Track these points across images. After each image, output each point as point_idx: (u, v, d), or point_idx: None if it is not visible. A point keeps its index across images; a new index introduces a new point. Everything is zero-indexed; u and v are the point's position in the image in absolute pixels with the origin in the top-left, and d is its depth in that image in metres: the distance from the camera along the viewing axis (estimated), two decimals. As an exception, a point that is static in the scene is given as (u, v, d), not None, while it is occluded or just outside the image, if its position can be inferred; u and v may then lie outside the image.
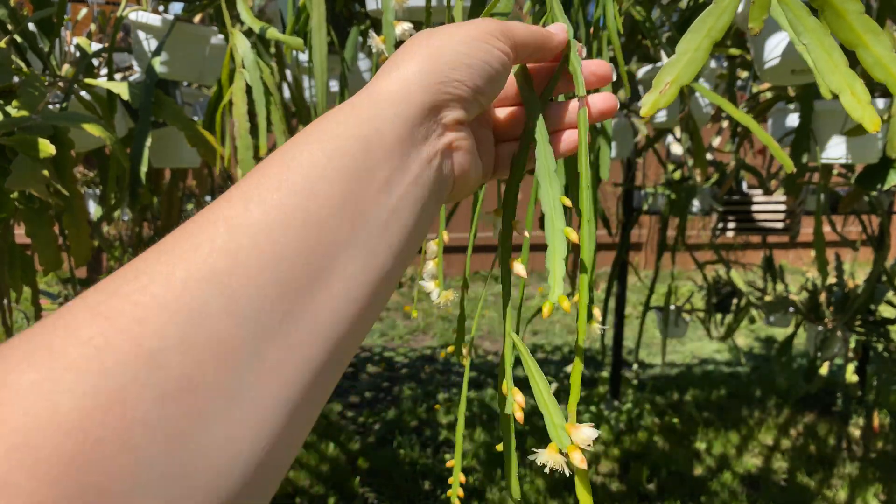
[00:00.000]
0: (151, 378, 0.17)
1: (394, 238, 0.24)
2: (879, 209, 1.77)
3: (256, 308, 0.20)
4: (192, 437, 0.17)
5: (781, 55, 0.91)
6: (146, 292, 0.19)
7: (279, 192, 0.22)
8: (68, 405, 0.16)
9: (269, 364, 0.19)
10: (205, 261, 0.20)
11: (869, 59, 0.35)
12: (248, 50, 0.76)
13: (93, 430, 0.16)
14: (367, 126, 0.24)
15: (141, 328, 0.18)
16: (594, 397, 2.47)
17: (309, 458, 2.04)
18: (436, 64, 0.27)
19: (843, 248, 3.61)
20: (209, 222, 0.21)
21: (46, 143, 0.72)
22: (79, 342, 0.17)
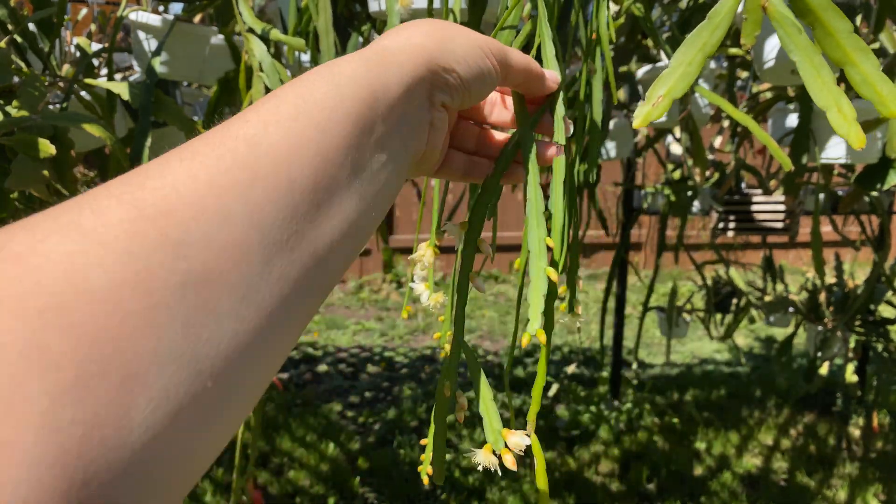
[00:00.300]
0: (175, 266, 0.18)
1: (379, 189, 0.26)
2: (879, 209, 1.77)
3: (270, 222, 0.21)
4: (206, 327, 0.19)
5: (781, 56, 0.91)
6: (173, 189, 0.20)
7: (296, 122, 0.23)
8: (100, 277, 0.17)
9: (276, 274, 0.21)
10: (228, 169, 0.21)
11: (857, 77, 0.37)
12: (265, 53, 0.76)
13: (122, 303, 0.17)
14: (376, 79, 0.26)
15: (167, 220, 0.19)
16: (594, 397, 2.47)
17: (309, 458, 2.04)
18: (441, 49, 0.29)
19: (842, 248, 3.62)
20: (230, 137, 0.22)
21: (46, 143, 0.72)
22: (108, 223, 0.18)
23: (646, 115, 0.39)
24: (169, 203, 0.19)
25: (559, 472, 2.02)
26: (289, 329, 0.22)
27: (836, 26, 0.36)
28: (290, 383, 2.74)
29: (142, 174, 0.20)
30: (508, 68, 0.33)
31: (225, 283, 0.20)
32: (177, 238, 0.19)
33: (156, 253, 0.18)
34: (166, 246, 0.18)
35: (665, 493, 1.90)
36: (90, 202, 0.19)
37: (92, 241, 0.18)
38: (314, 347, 3.25)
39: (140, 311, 0.17)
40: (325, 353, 3.18)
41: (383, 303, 4.15)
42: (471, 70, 0.30)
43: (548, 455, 2.11)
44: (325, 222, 0.23)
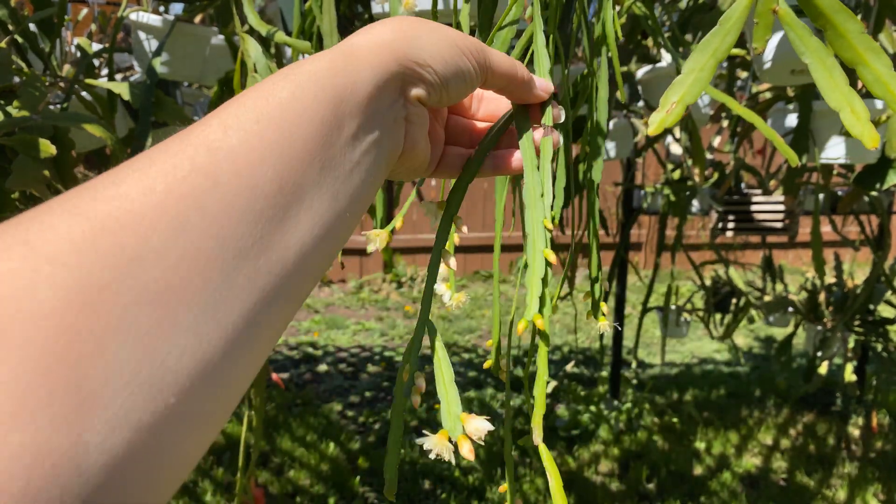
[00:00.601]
0: (129, 281, 0.17)
1: (353, 188, 0.26)
2: (879, 209, 1.77)
3: (232, 229, 0.20)
4: (163, 345, 0.18)
5: (781, 56, 0.91)
6: (128, 199, 0.19)
7: (259, 125, 0.22)
8: (46, 295, 0.16)
9: (239, 284, 0.20)
10: (185, 177, 0.20)
11: (869, 77, 0.37)
12: (261, 54, 0.76)
13: (69, 325, 0.16)
14: (343, 78, 0.25)
15: (122, 232, 0.18)
16: (594, 397, 2.47)
17: (309, 457, 2.04)
18: (412, 44, 0.28)
19: (842, 248, 3.62)
20: (188, 144, 0.21)
21: (47, 143, 0.72)
22: (58, 238, 0.17)
23: (660, 122, 0.40)
24: (123, 214, 0.18)
25: (559, 471, 2.02)
26: (259, 339, 0.21)
27: (848, 27, 0.37)
28: (291, 383, 2.74)
29: (96, 185, 0.19)
30: (489, 70, 0.32)
31: (183, 296, 0.19)
32: (131, 251, 0.18)
33: (109, 267, 0.17)
34: (121, 260, 0.18)
35: (665, 493, 1.90)
36: (39, 216, 0.18)
37: (38, 257, 0.16)
38: (314, 347, 3.25)
39: (90, 330, 0.16)
40: (325, 352, 3.19)
41: (383, 303, 4.15)
42: (447, 66, 0.29)
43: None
44: (294, 226, 0.23)
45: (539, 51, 0.39)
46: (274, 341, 0.23)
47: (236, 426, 2.17)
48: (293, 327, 3.55)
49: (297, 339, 3.35)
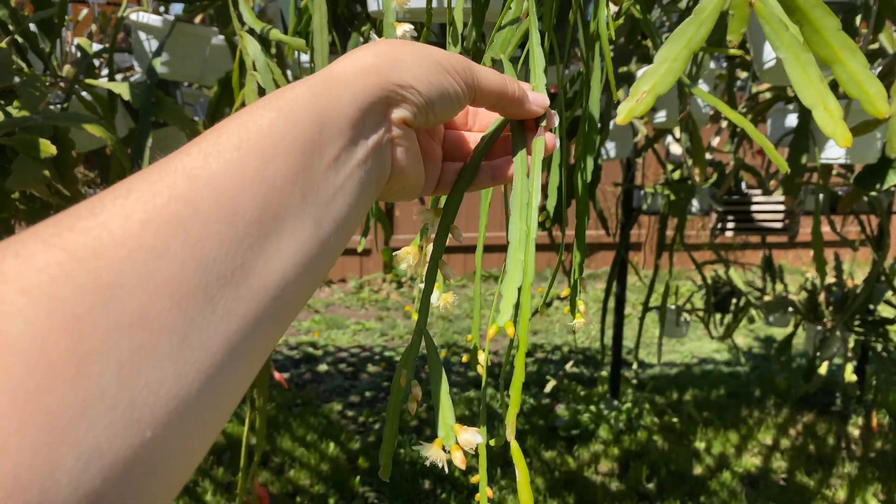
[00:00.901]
0: (107, 310, 0.17)
1: (337, 213, 0.26)
2: (878, 209, 1.77)
3: (213, 256, 0.20)
4: (142, 372, 0.18)
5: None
6: (105, 228, 0.19)
7: (239, 152, 0.22)
8: (20, 328, 0.16)
9: (220, 311, 0.20)
10: (165, 204, 0.20)
11: (844, 76, 0.36)
12: (259, 52, 0.76)
13: (46, 354, 0.16)
14: (324, 104, 0.26)
15: (98, 261, 0.18)
16: (594, 397, 2.47)
17: (309, 457, 2.04)
18: (394, 67, 0.28)
19: (842, 248, 3.62)
20: (168, 172, 0.21)
21: (47, 143, 0.72)
22: (33, 269, 0.17)
23: (629, 111, 0.39)
24: (101, 243, 0.18)
25: (559, 471, 2.02)
26: (240, 366, 0.21)
27: (824, 24, 0.36)
28: (291, 383, 2.74)
29: (73, 215, 0.19)
30: (477, 88, 0.32)
31: (164, 323, 0.18)
32: (109, 279, 0.18)
33: (86, 296, 0.17)
34: (98, 288, 0.17)
35: (665, 493, 1.90)
36: (15, 247, 0.17)
37: (13, 288, 0.16)
38: (314, 347, 3.25)
39: (68, 360, 0.16)
40: (325, 352, 3.19)
41: (383, 303, 4.15)
42: (432, 87, 0.29)
43: (547, 455, 2.11)
44: (275, 253, 0.22)
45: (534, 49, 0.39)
46: (257, 367, 0.23)
47: (237, 426, 2.17)
48: (293, 327, 3.55)
49: (297, 339, 3.35)
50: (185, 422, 0.19)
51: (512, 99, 0.34)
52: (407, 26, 0.55)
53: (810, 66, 0.36)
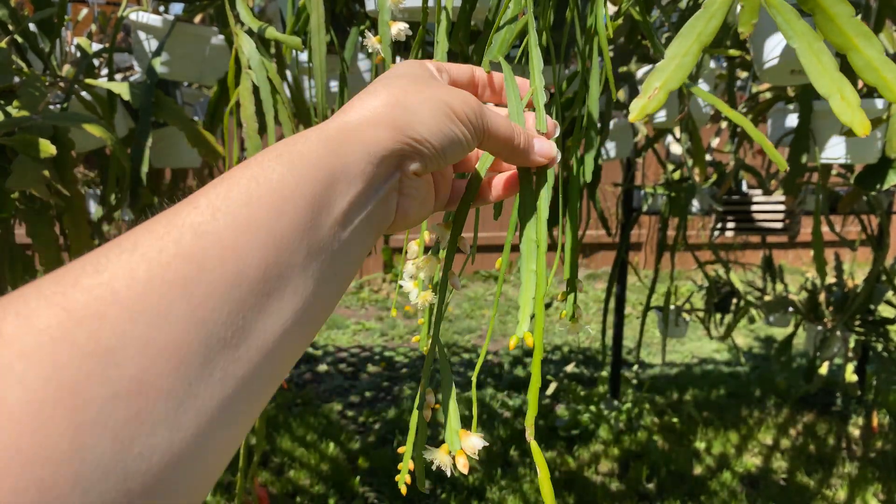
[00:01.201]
0: (106, 375, 0.17)
1: (340, 267, 0.25)
2: (878, 209, 1.77)
3: (214, 318, 0.20)
4: (138, 439, 0.17)
5: (781, 55, 0.91)
6: (109, 288, 0.18)
7: (248, 208, 0.22)
8: (17, 396, 0.16)
9: (217, 375, 0.20)
10: (170, 263, 0.20)
11: (860, 63, 0.35)
12: (254, 50, 0.76)
13: (41, 425, 0.16)
14: (336, 158, 0.25)
15: (100, 324, 0.17)
16: (594, 397, 2.47)
17: (309, 457, 2.04)
18: (409, 120, 0.28)
19: (842, 248, 3.62)
20: (176, 226, 0.21)
21: (47, 143, 0.72)
22: (33, 330, 0.17)
23: (642, 108, 0.39)
24: (103, 304, 0.18)
25: (559, 471, 2.02)
26: (234, 426, 0.21)
27: (838, 11, 0.35)
28: (291, 383, 2.74)
29: (77, 270, 0.19)
30: (486, 134, 0.31)
31: (162, 388, 0.18)
32: (109, 343, 0.17)
33: (85, 362, 0.17)
34: (97, 353, 0.17)
35: (665, 493, 1.90)
36: (16, 305, 0.17)
37: (13, 352, 0.16)
38: (314, 347, 3.25)
39: (64, 428, 0.16)
40: (325, 352, 3.19)
41: (383, 303, 4.15)
42: (444, 138, 0.29)
43: (547, 455, 2.11)
44: (276, 312, 0.22)
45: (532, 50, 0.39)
46: (251, 423, 0.22)
47: (236, 426, 2.17)
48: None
49: (298, 339, 3.35)
50: (177, 485, 0.19)
51: (518, 150, 0.33)
52: (402, 25, 0.55)
53: (824, 55, 0.35)
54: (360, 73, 1.17)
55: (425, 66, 0.32)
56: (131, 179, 0.97)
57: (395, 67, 0.32)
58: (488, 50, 0.45)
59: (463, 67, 0.36)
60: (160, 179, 1.61)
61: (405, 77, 0.30)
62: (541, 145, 0.34)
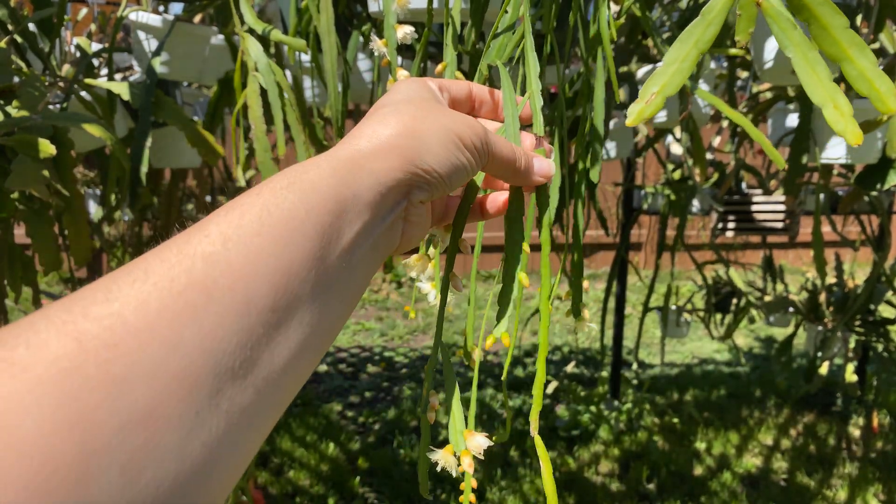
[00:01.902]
0: (116, 406, 0.17)
1: (346, 294, 0.26)
2: (879, 209, 1.77)
3: (223, 348, 0.20)
4: (145, 470, 0.17)
5: (781, 56, 0.91)
6: (119, 318, 0.18)
7: (259, 238, 0.22)
8: (31, 426, 0.16)
9: (224, 405, 0.20)
10: (181, 292, 0.20)
11: (853, 73, 0.36)
12: (261, 53, 0.76)
13: (53, 454, 0.16)
14: (346, 188, 0.25)
15: (110, 354, 0.18)
16: (594, 397, 2.47)
17: (309, 458, 2.04)
18: (418, 149, 0.28)
19: (842, 248, 3.62)
20: (187, 255, 0.21)
21: (46, 143, 0.72)
22: (45, 360, 0.17)
23: (639, 113, 0.39)
24: (114, 334, 0.18)
25: (559, 472, 2.02)
26: (237, 456, 0.21)
27: (832, 22, 0.35)
28: (290, 383, 2.74)
29: (87, 298, 0.19)
30: (490, 157, 0.32)
31: (170, 418, 0.18)
32: (120, 373, 0.17)
33: (95, 392, 0.17)
34: (107, 383, 0.17)
35: (665, 493, 1.90)
36: (27, 334, 0.17)
37: (24, 382, 0.16)
38: (314, 347, 3.25)
39: (73, 460, 0.16)
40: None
41: (383, 303, 4.15)
42: (451, 167, 0.29)
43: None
44: (283, 342, 0.22)
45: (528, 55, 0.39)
46: (256, 448, 0.23)
47: (236, 426, 2.16)
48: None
49: (298, 339, 3.35)
50: None
51: (518, 171, 0.34)
52: (408, 28, 0.55)
53: (818, 65, 0.36)
54: (360, 73, 1.17)
55: (429, 88, 0.33)
56: (131, 179, 0.97)
57: (400, 88, 0.32)
58: (486, 54, 0.45)
59: (461, 84, 0.36)
60: (160, 179, 1.61)
61: (413, 103, 0.30)
62: (540, 165, 0.35)
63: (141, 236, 1.66)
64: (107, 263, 1.99)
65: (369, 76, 1.17)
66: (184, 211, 1.97)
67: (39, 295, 1.15)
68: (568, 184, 0.51)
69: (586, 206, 1.78)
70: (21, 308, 1.60)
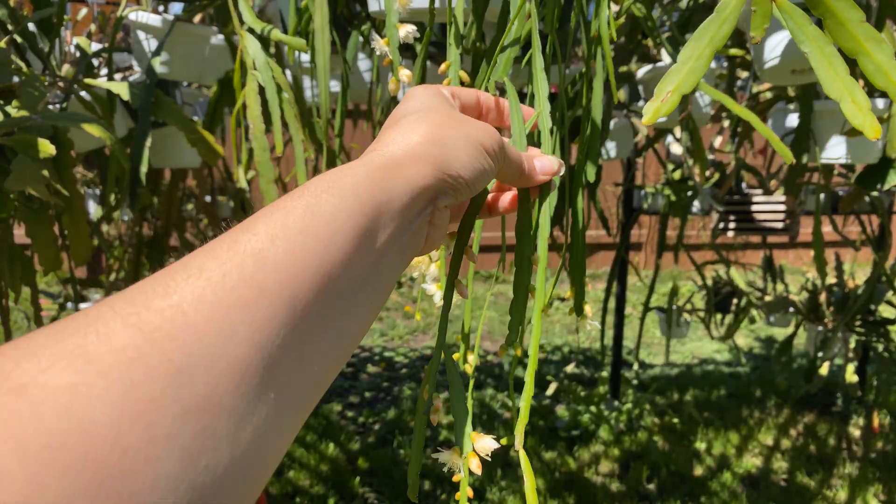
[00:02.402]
0: (178, 393, 0.18)
1: (376, 293, 0.27)
2: (880, 209, 1.77)
3: (272, 340, 0.21)
4: (204, 454, 0.19)
5: (781, 55, 0.91)
6: (178, 310, 0.20)
7: (303, 236, 0.24)
8: (101, 411, 0.17)
9: (272, 394, 0.21)
10: (234, 287, 0.21)
11: (870, 67, 0.36)
12: (259, 52, 0.76)
13: (122, 438, 0.17)
14: (381, 193, 0.27)
15: (172, 344, 0.19)
16: (594, 397, 2.47)
17: (309, 458, 2.04)
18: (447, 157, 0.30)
19: (843, 248, 3.62)
20: (237, 253, 0.22)
21: (46, 143, 0.72)
22: (112, 350, 0.18)
23: (655, 111, 0.39)
24: (174, 326, 0.19)
25: (559, 472, 2.02)
26: (280, 444, 0.23)
27: (848, 16, 0.35)
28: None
29: (148, 291, 0.20)
30: (504, 165, 0.34)
31: (225, 405, 0.20)
32: (180, 363, 0.19)
33: (158, 380, 0.18)
34: (170, 372, 0.18)
35: (665, 493, 1.90)
36: (96, 324, 0.19)
37: (95, 370, 0.17)
38: (314, 347, 3.25)
39: (139, 444, 0.17)
40: (325, 353, 3.19)
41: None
42: (475, 172, 0.31)
43: (548, 455, 2.11)
44: (323, 336, 0.24)
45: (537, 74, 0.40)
46: (294, 435, 0.24)
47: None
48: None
49: (298, 340, 3.35)
50: (234, 495, 0.20)
51: (524, 174, 0.36)
52: (409, 27, 0.54)
53: (835, 59, 0.36)
54: (360, 73, 1.17)
55: (444, 96, 0.35)
56: (130, 179, 0.97)
57: (418, 96, 0.33)
58: (493, 70, 0.45)
59: (470, 92, 0.38)
60: (160, 179, 1.61)
61: (436, 110, 0.32)
62: (542, 164, 0.37)
63: (141, 236, 1.66)
64: (106, 263, 1.99)
65: (369, 76, 1.17)
66: (184, 211, 1.97)
67: (39, 295, 1.15)
68: (568, 183, 0.51)
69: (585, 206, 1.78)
70: (21, 308, 1.60)
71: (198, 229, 2.21)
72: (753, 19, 0.38)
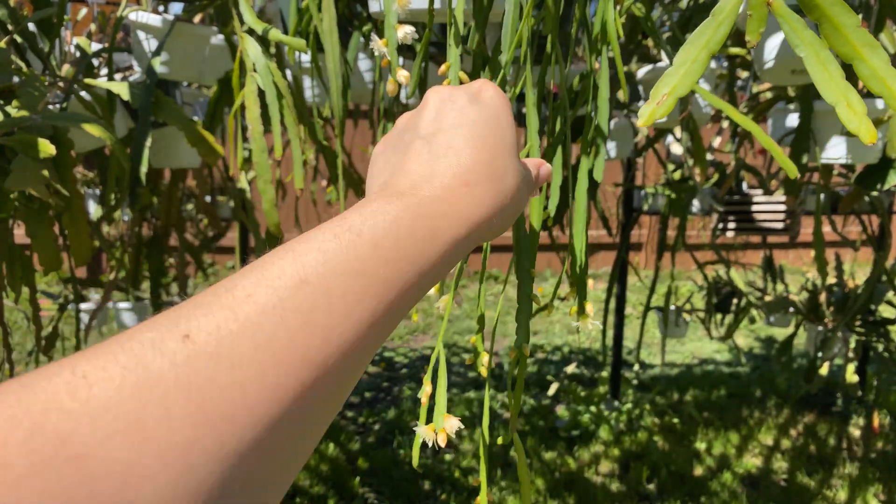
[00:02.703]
0: (265, 377, 0.22)
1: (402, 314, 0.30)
2: (880, 209, 1.77)
3: (341, 345, 0.25)
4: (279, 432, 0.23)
5: (781, 56, 0.91)
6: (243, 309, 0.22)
7: (375, 249, 0.27)
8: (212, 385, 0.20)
9: (331, 383, 0.26)
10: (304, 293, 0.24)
11: (866, 72, 0.36)
12: (260, 54, 0.76)
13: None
14: (429, 222, 0.29)
15: (259, 330, 0.22)
16: (594, 397, 2.47)
17: (308, 458, 2.04)
18: (490, 221, 0.31)
19: (843, 248, 3.62)
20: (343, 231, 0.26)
21: (46, 143, 0.72)
22: (217, 336, 0.21)
23: (651, 114, 0.39)
24: (272, 316, 0.23)
25: (559, 472, 2.02)
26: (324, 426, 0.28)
27: (844, 21, 0.36)
28: (290, 383, 2.74)
29: (238, 283, 0.23)
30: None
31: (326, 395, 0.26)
32: (266, 354, 0.22)
33: (247, 366, 0.21)
34: (258, 358, 0.22)
35: (665, 493, 1.90)
36: (199, 317, 0.21)
37: (194, 353, 0.20)
38: (314, 347, 3.25)
39: (235, 413, 0.20)
40: (325, 353, 3.18)
41: (383, 303, 4.15)
42: (513, 219, 0.33)
43: (548, 455, 2.11)
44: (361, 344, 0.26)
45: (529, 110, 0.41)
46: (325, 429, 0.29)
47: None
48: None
49: (298, 340, 3.35)
50: (283, 472, 0.24)
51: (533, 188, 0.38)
52: (408, 28, 0.54)
53: (831, 64, 0.36)
54: (360, 73, 1.17)
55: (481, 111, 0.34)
56: (130, 179, 0.97)
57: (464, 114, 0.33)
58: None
59: None
60: (160, 179, 1.61)
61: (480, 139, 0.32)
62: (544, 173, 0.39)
63: (140, 236, 1.66)
64: (106, 263, 1.99)
65: (370, 76, 1.17)
66: (184, 211, 1.97)
67: (37, 294, 1.15)
68: (571, 182, 0.51)
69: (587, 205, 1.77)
70: (20, 308, 1.59)
71: (198, 229, 2.21)
72: (749, 23, 0.38)
